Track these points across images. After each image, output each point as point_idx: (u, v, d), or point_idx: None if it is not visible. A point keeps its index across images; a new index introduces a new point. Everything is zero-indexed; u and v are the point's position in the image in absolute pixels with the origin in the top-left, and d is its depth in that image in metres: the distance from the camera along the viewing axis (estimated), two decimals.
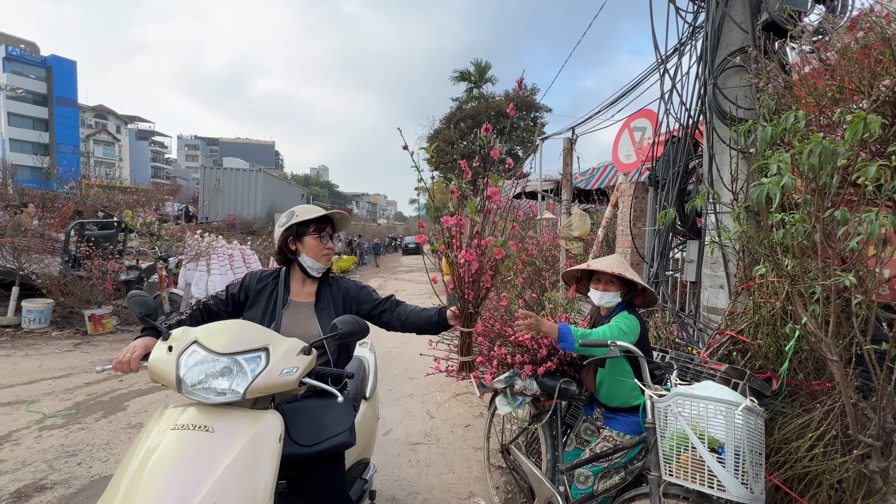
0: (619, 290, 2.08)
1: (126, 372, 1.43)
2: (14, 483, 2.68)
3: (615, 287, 2.08)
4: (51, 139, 43.68)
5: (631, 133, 4.82)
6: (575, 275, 2.31)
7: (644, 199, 4.79)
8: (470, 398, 4.46)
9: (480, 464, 3.15)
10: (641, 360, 1.83)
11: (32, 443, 3.20)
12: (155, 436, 1.23)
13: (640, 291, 2.12)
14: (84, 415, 3.73)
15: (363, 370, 2.34)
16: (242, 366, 1.30)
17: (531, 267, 5.74)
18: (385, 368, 5.29)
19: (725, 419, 1.48)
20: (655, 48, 3.33)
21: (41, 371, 4.77)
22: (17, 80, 42.01)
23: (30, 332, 6.11)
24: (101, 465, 2.94)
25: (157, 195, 19.85)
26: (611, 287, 2.08)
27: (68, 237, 6.90)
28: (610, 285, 2.08)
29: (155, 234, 8.05)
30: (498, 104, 24.36)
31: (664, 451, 1.59)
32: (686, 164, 3.18)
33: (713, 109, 2.74)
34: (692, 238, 3.20)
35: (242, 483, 1.16)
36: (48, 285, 6.30)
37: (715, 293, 2.79)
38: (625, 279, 2.06)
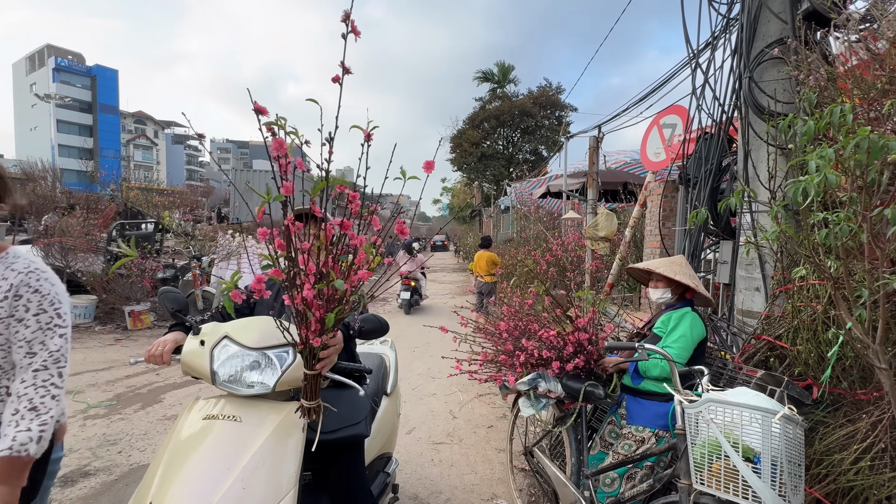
0: (667, 286, 2.19)
1: (158, 364, 1.49)
2: (61, 468, 2.84)
3: (664, 284, 2.20)
4: (95, 144, 46.23)
5: (660, 130, 4.68)
6: (645, 276, 2.41)
7: (674, 198, 4.64)
8: (493, 399, 4.43)
9: (503, 465, 3.13)
10: (671, 364, 1.77)
11: (78, 431, 3.39)
12: (188, 425, 1.29)
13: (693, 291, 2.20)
14: (124, 406, 3.93)
15: (384, 367, 2.37)
16: (272, 360, 1.34)
17: (555, 267, 5.66)
18: (408, 368, 5.33)
19: (762, 428, 1.42)
20: (687, 42, 3.22)
21: (86, 363, 5.05)
22: (65, 89, 44.71)
23: (75, 327, 6.47)
24: (139, 455, 3.08)
25: (192, 197, 20.69)
26: (660, 284, 2.21)
27: (110, 237, 7.28)
28: (659, 283, 2.21)
29: (189, 234, 8.39)
30: (521, 103, 24.13)
31: (695, 459, 1.53)
32: (719, 162, 3.06)
33: (749, 104, 2.63)
34: (725, 238, 3.07)
35: (268, 469, 1.21)
36: (92, 283, 6.66)
37: (750, 296, 2.67)
38: None
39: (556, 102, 24.88)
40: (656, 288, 2.22)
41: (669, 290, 2.19)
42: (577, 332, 2.13)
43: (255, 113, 1.06)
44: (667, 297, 2.19)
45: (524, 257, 6.54)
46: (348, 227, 1.16)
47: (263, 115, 1.08)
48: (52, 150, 41.47)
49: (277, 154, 1.09)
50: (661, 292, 2.20)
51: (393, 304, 9.71)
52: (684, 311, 2.10)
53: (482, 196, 25.81)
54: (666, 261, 2.27)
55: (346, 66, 1.07)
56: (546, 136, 24.42)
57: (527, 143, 25.38)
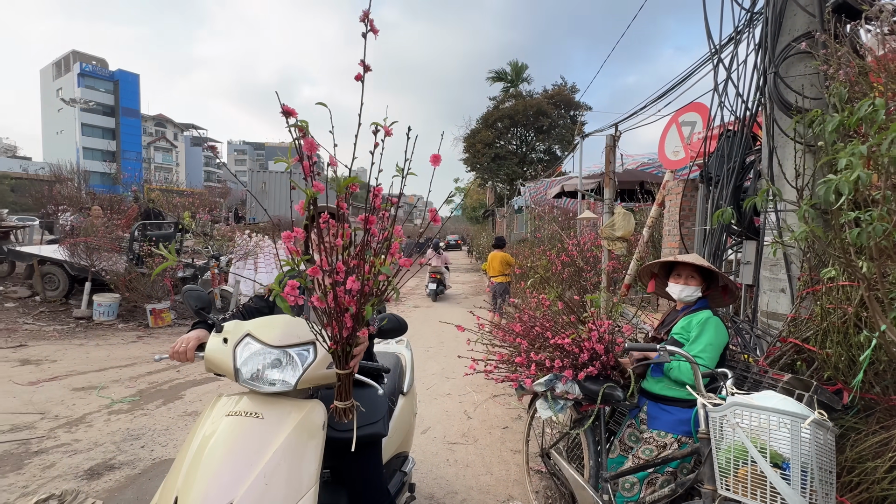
0: (699, 284, 2.13)
1: (182, 361, 1.52)
2: (88, 462, 2.93)
3: (696, 282, 2.13)
4: (117, 147, 47.56)
5: (679, 128, 4.59)
6: (652, 271, 2.35)
7: (693, 198, 4.55)
8: (508, 400, 4.40)
9: (519, 467, 3.10)
10: (694, 366, 1.73)
11: (103, 425, 3.48)
12: (211, 422, 1.31)
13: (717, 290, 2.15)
14: (146, 401, 4.02)
15: (400, 366, 2.38)
16: (294, 358, 1.36)
17: (571, 268, 5.60)
18: (422, 368, 5.33)
19: (791, 433, 1.37)
20: (709, 37, 3.15)
21: (109, 360, 5.19)
22: (89, 93, 46.09)
23: (100, 324, 6.66)
24: (161, 449, 3.15)
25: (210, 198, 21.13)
26: (691, 281, 2.14)
27: (132, 237, 7.46)
28: (690, 279, 2.14)
29: (208, 234, 8.56)
30: (537, 102, 23.94)
31: (720, 464, 1.50)
32: (742, 160, 2.99)
33: (774, 100, 2.56)
34: (749, 238, 3.00)
35: (290, 466, 1.22)
36: (115, 281, 6.84)
37: (775, 297, 2.60)
38: (705, 274, 2.11)
39: (570, 101, 24.65)
40: (687, 285, 2.13)
41: (700, 289, 2.13)
42: (593, 342, 2.10)
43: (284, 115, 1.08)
44: (696, 295, 2.13)
45: (539, 257, 6.49)
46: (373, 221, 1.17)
47: (292, 116, 1.09)
48: (77, 152, 42.78)
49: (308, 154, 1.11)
50: (693, 290, 2.12)
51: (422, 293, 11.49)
52: (705, 315, 2.04)
53: (495, 196, 25.71)
54: (690, 256, 2.21)
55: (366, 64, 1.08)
56: (561, 135, 24.19)
57: (541, 142, 25.19)
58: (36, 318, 6.62)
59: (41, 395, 4.01)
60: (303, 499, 1.20)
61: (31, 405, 3.77)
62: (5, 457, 2.93)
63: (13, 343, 5.47)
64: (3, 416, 3.52)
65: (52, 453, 3.01)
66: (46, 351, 5.32)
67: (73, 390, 4.18)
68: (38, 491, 2.55)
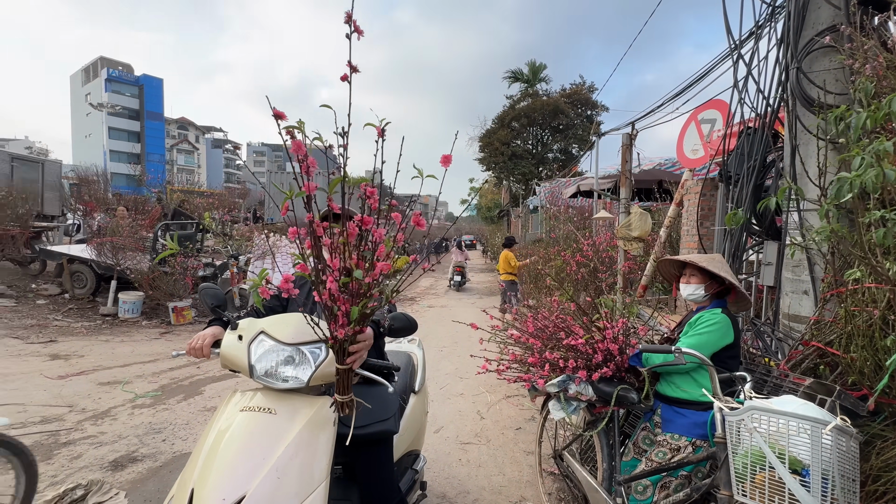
0: (701, 282, 2.09)
1: (198, 357, 1.56)
2: (112, 453, 3.04)
3: (697, 280, 2.10)
4: (142, 149, 49.07)
5: (698, 126, 4.49)
6: (675, 273, 2.32)
7: (713, 197, 4.44)
8: (521, 401, 4.38)
9: (532, 468, 3.09)
10: (710, 369, 1.70)
11: (126, 419, 3.60)
12: (226, 417, 1.35)
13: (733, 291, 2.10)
14: (168, 396, 4.14)
15: (412, 365, 2.40)
16: (306, 355, 1.38)
17: (586, 268, 5.54)
18: (435, 367, 5.35)
19: (811, 439, 1.33)
20: (728, 33, 3.08)
21: (133, 356, 5.36)
22: (115, 98, 47.69)
23: (124, 321, 6.89)
24: (181, 443, 3.24)
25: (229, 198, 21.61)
26: (692, 279, 2.11)
27: (156, 237, 7.69)
28: (692, 278, 2.12)
29: (227, 234, 8.75)
30: (553, 101, 23.72)
31: (736, 470, 1.46)
32: (763, 158, 2.91)
33: (797, 96, 2.48)
34: (770, 238, 2.92)
35: (302, 461, 1.25)
36: (139, 279, 7.07)
37: (797, 299, 2.52)
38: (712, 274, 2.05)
39: (588, 100, 24.35)
40: (688, 283, 2.13)
41: (703, 287, 2.09)
42: (607, 342, 2.07)
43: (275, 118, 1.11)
44: (699, 294, 2.10)
45: (553, 257, 6.44)
46: (369, 222, 1.18)
47: (282, 119, 1.12)
48: (104, 155, 44.29)
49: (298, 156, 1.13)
50: (694, 288, 2.10)
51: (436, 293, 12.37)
52: (710, 313, 2.00)
53: (510, 196, 25.58)
54: (704, 256, 2.17)
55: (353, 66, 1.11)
56: (577, 134, 23.93)
57: (557, 141, 24.96)
58: (65, 314, 6.88)
59: (69, 388, 4.17)
60: (314, 492, 1.22)
61: (60, 398, 3.92)
62: (36, 447, 3.06)
63: (44, 338, 5.70)
64: (34, 408, 3.67)
65: (79, 445, 3.13)
66: (75, 346, 5.53)
67: (99, 384, 4.33)
68: (65, 481, 2.66)
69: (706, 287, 2.09)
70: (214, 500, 1.12)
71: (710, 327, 1.94)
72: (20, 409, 3.61)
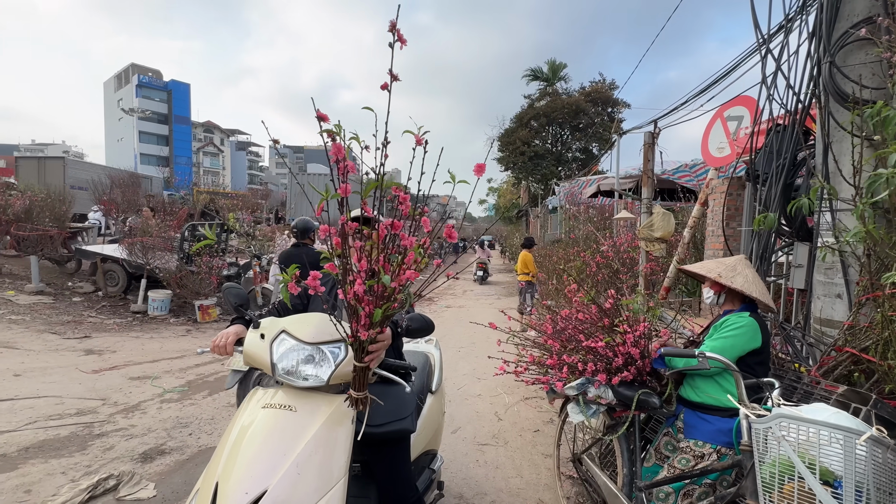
0: (721, 289, 2.06)
1: (222, 354, 1.61)
2: (142, 446, 3.16)
3: (717, 286, 2.07)
4: (170, 152, 50.81)
5: (724, 123, 4.36)
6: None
7: (739, 196, 4.31)
8: (539, 403, 4.34)
9: (550, 471, 3.06)
10: (736, 374, 1.65)
11: (155, 413, 3.74)
12: (248, 413, 1.38)
13: None
14: (194, 392, 4.27)
15: (429, 365, 2.41)
16: (326, 354, 1.41)
17: (606, 269, 5.45)
18: (453, 368, 5.35)
19: (844, 449, 1.28)
20: (756, 27, 2.98)
21: (162, 352, 5.55)
22: (145, 103, 49.55)
23: (154, 318, 7.14)
24: (206, 437, 3.34)
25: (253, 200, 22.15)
26: (706, 283, 2.09)
27: (183, 237, 7.95)
28: (706, 281, 2.09)
29: (250, 235, 8.98)
30: (573, 100, 23.39)
31: (763, 479, 1.42)
32: (794, 156, 2.80)
33: (830, 91, 2.38)
34: (801, 240, 2.81)
35: (321, 457, 1.28)
36: (168, 278, 7.32)
37: (830, 303, 2.42)
38: None
39: (609, 98, 23.92)
40: (707, 288, 2.11)
41: (723, 295, 2.06)
42: (628, 345, 2.03)
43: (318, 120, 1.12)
44: (711, 297, 2.07)
45: (573, 258, 6.36)
46: (398, 227, 1.20)
47: (325, 121, 1.13)
48: (134, 158, 46.05)
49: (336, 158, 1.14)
50: (711, 294, 2.08)
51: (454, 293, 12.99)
52: (742, 316, 1.94)
53: (529, 196, 25.37)
54: (724, 262, 2.11)
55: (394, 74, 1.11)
56: (598, 133, 23.54)
57: (577, 140, 24.61)
58: (98, 311, 7.18)
59: (102, 382, 4.35)
60: (333, 489, 1.25)
61: (94, 392, 4.10)
62: (72, 438, 3.21)
63: (79, 334, 5.97)
64: (71, 400, 3.85)
65: (111, 437, 3.27)
66: (107, 342, 5.77)
67: (129, 379, 4.50)
68: (99, 471, 2.78)
69: (714, 289, 2.06)
70: (238, 494, 1.16)
71: (735, 330, 1.89)
72: (58, 402, 3.79)
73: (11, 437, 3.14)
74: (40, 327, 6.04)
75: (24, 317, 6.36)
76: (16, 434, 3.18)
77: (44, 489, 2.57)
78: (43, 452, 2.97)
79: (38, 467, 2.79)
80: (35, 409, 3.60)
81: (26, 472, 2.72)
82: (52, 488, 2.57)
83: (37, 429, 3.29)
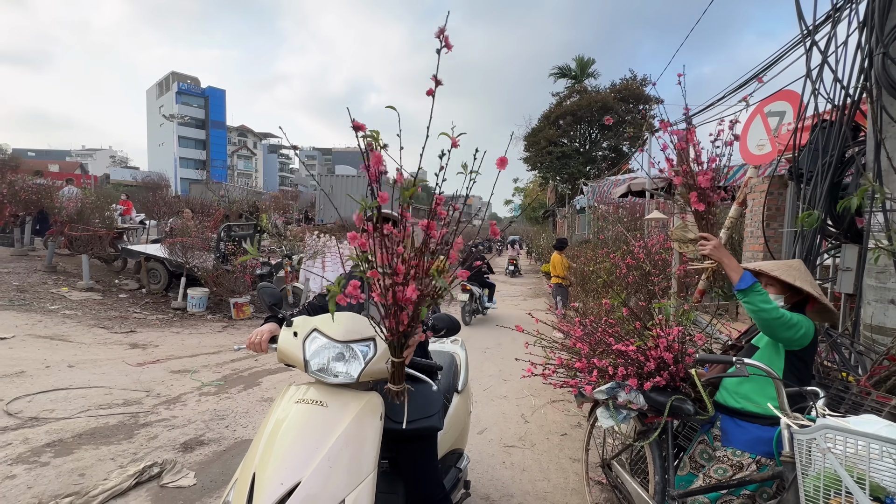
0: (780, 293, 1.96)
1: (257, 351, 1.68)
2: (183, 436, 3.32)
3: (775, 289, 1.96)
4: (206, 156, 53.08)
5: (764, 119, 4.16)
6: None
7: (781, 196, 4.11)
8: (567, 406, 4.28)
9: (578, 476, 3.01)
10: (777, 382, 1.58)
11: (195, 405, 3.92)
12: (282, 408, 1.44)
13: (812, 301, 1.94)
14: (230, 386, 4.45)
15: (455, 365, 2.42)
16: (356, 353, 1.45)
17: (637, 272, 5.31)
18: (479, 368, 5.35)
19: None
20: (800, 18, 2.84)
21: (200, 347, 5.82)
22: (185, 109, 52.01)
23: (192, 315, 7.48)
24: (242, 430, 3.48)
25: (284, 201, 22.85)
26: (770, 289, 1.97)
27: (219, 237, 8.29)
28: (769, 287, 1.98)
29: (282, 235, 9.26)
30: (603, 98, 22.89)
31: (807, 492, 1.35)
32: (842, 153, 2.66)
33: (883, 84, 2.25)
34: (849, 241, 2.66)
35: (351, 451, 1.32)
36: (205, 277, 7.65)
37: (881, 309, 2.28)
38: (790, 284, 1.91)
39: (640, 95, 23.28)
40: (771, 293, 1.97)
41: (782, 299, 1.94)
42: (661, 350, 1.98)
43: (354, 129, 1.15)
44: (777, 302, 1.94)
45: (602, 260, 6.24)
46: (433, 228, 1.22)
47: (361, 130, 1.16)
48: (174, 162, 48.36)
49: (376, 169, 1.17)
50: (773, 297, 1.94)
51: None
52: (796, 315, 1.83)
53: (556, 196, 24.99)
54: (782, 263, 2.01)
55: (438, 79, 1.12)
56: (628, 131, 22.96)
57: (606, 139, 24.06)
58: (142, 307, 7.59)
59: (146, 375, 4.60)
60: (363, 483, 1.28)
61: (139, 384, 4.34)
62: (120, 427, 3.41)
63: (125, 329, 6.33)
64: (118, 391, 4.09)
65: (155, 427, 3.45)
66: (150, 337, 6.09)
67: (171, 372, 4.74)
68: (144, 458, 2.94)
69: (786, 298, 1.94)
70: (274, 484, 1.21)
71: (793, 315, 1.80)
72: (106, 392, 4.04)
73: (67, 423, 3.37)
74: (90, 322, 6.45)
75: (77, 312, 6.80)
76: (71, 421, 3.42)
77: (96, 473, 2.75)
78: (94, 439, 3.18)
79: (90, 453, 2.98)
80: (87, 399, 3.85)
81: (80, 457, 2.92)
82: (103, 473, 2.75)
83: (89, 417, 3.52)
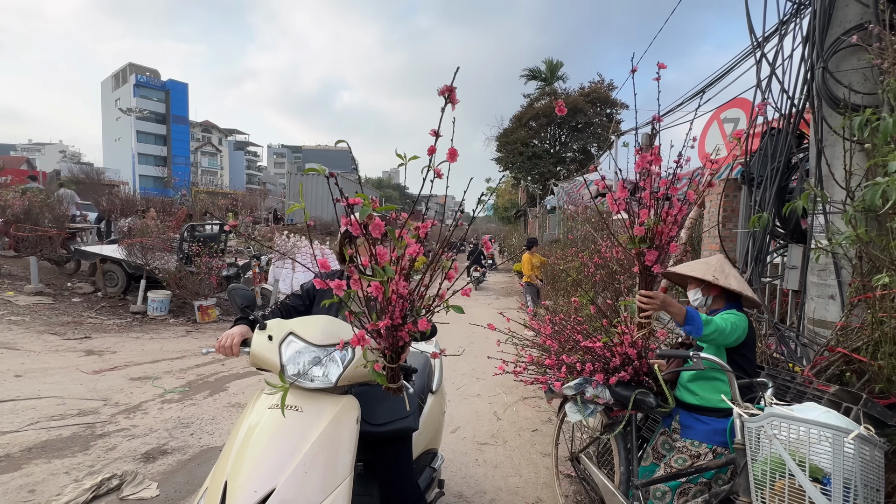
0: (698, 286, 2.10)
1: (227, 355, 1.62)
2: (144, 446, 3.18)
3: (695, 283, 2.11)
4: (168, 152, 50.67)
5: (720, 125, 4.41)
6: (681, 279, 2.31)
7: (735, 198, 4.36)
8: (538, 402, 4.39)
9: (548, 470, 3.10)
10: (729, 374, 1.69)
11: (157, 413, 3.76)
12: (256, 413, 1.41)
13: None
14: (195, 392, 4.30)
15: (429, 366, 2.44)
16: (335, 357, 1.44)
17: (604, 270, 5.49)
18: (452, 368, 5.39)
19: (832, 447, 1.32)
20: (750, 31, 3.02)
21: (162, 352, 5.57)
22: (143, 102, 49.41)
23: (153, 319, 7.15)
24: (208, 437, 3.37)
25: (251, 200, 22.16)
26: (692, 285, 2.12)
27: (182, 238, 7.96)
28: (691, 282, 2.12)
29: (252, 238, 8.99)
30: (573, 100, 23.45)
31: (755, 476, 1.46)
32: (788, 159, 2.85)
33: (823, 96, 2.43)
34: (795, 242, 2.86)
35: (327, 456, 1.31)
36: (167, 279, 7.33)
37: (823, 304, 2.47)
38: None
39: (607, 99, 24.03)
40: (691, 289, 2.14)
41: (700, 291, 2.09)
42: (625, 346, 2.07)
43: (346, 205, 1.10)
44: (700, 299, 2.09)
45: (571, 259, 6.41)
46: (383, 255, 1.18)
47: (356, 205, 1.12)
48: (132, 158, 45.95)
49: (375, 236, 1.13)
50: (694, 293, 2.11)
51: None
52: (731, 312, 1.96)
53: (527, 196, 25.42)
54: (700, 262, 2.17)
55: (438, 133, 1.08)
56: (596, 133, 23.64)
57: (575, 141, 24.68)
58: (98, 312, 7.19)
59: (103, 383, 4.37)
60: (339, 487, 1.28)
61: (96, 392, 4.12)
62: (74, 438, 3.23)
63: (79, 335, 5.98)
64: (72, 401, 3.87)
65: (113, 437, 3.29)
66: (107, 342, 5.78)
67: (130, 380, 4.52)
68: (101, 470, 2.80)
69: (702, 290, 2.08)
70: (247, 492, 1.19)
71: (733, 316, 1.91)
72: (59, 402, 3.81)
73: (14, 437, 3.16)
74: (40, 328, 6.05)
75: (24, 317, 6.37)
76: (19, 434, 3.21)
77: (48, 489, 2.60)
78: (46, 452, 3.00)
79: (41, 467, 2.82)
80: (37, 410, 3.62)
81: (30, 472, 2.75)
82: (56, 488, 2.60)
83: (39, 429, 3.31)
